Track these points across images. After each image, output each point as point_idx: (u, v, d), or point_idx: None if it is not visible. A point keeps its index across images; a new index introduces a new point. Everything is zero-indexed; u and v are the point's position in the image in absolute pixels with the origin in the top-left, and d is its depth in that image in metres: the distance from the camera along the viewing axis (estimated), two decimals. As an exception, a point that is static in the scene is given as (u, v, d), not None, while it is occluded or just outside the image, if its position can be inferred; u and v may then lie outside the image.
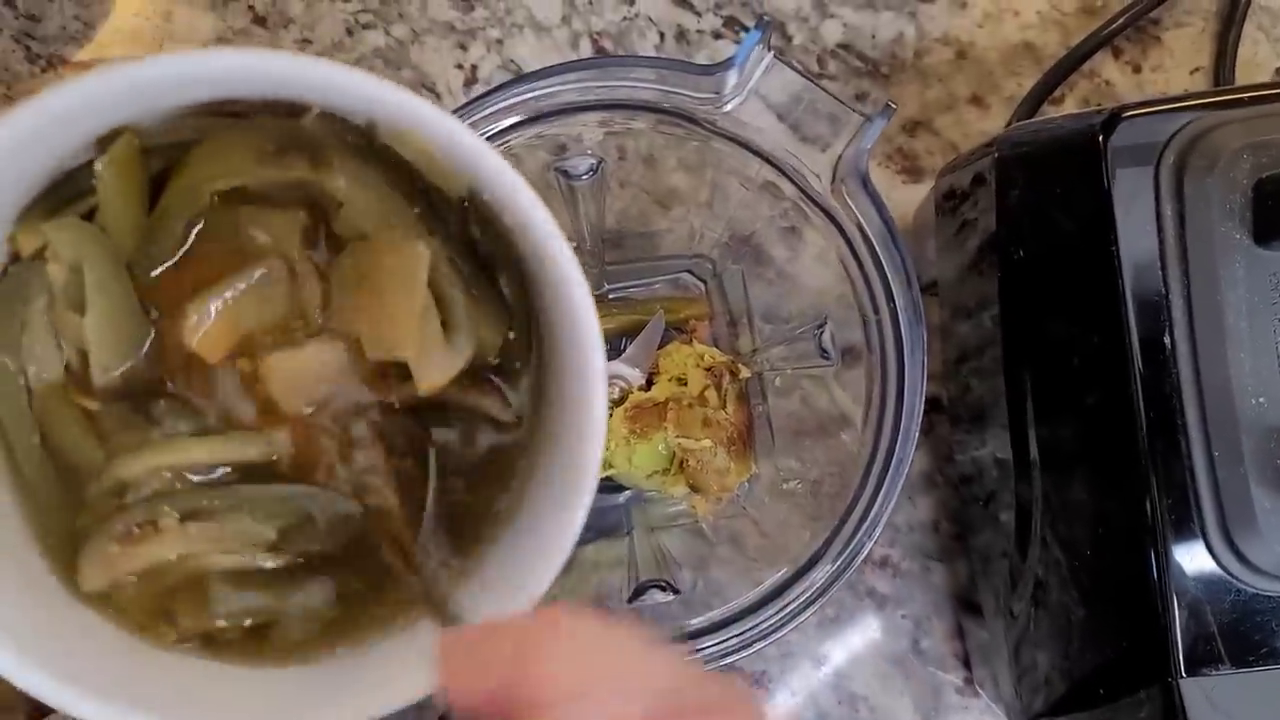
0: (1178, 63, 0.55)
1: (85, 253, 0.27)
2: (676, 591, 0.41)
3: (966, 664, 0.53)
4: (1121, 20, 0.54)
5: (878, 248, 0.37)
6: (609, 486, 0.50)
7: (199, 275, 0.28)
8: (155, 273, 0.28)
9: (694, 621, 0.38)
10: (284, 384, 0.28)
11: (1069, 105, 0.55)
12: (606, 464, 0.48)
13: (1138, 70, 0.55)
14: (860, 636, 0.53)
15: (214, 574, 0.29)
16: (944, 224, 0.51)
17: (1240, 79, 0.54)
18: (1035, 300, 0.44)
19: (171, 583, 0.28)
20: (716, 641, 0.37)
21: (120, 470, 0.28)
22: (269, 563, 0.29)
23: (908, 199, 0.55)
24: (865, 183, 0.37)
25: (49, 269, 0.27)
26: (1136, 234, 0.40)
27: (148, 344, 0.28)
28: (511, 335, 0.29)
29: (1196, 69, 0.55)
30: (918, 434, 0.37)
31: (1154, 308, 0.39)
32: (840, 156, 0.37)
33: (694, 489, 0.47)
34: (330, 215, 0.28)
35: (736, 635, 0.37)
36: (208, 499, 0.28)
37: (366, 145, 0.27)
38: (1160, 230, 0.40)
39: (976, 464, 0.51)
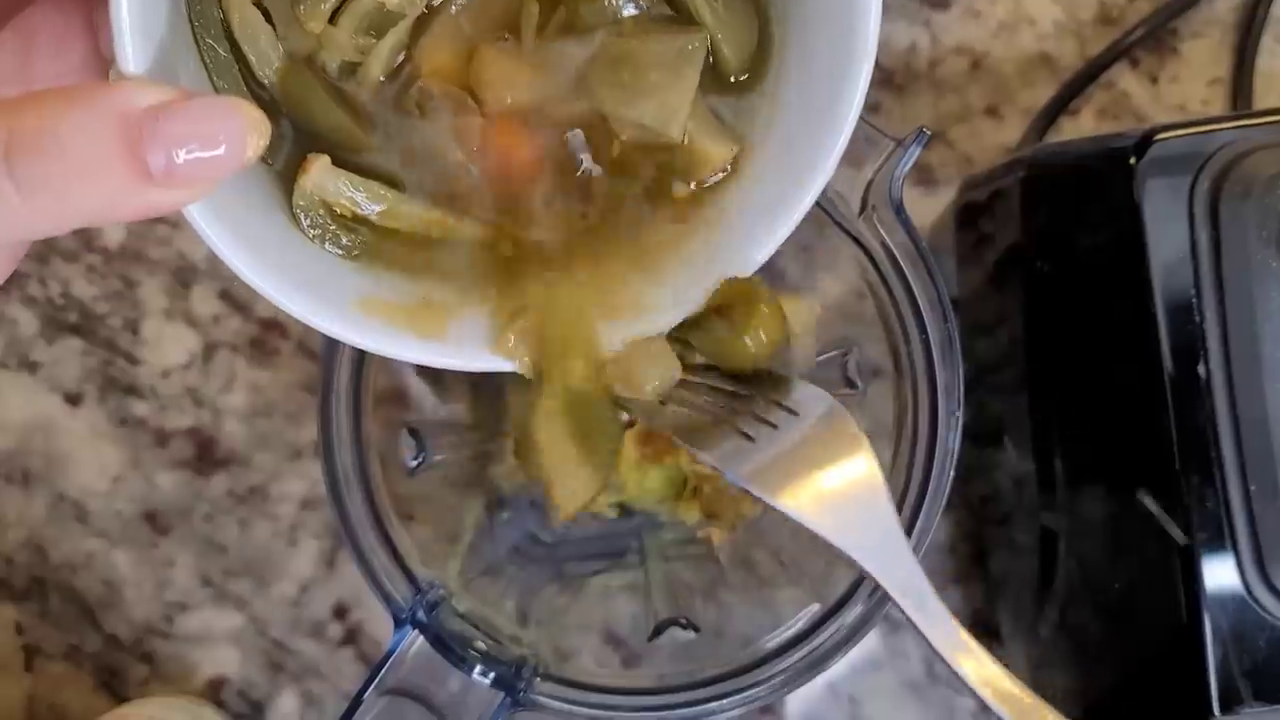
0: (1195, 74, 0.54)
1: None
2: (697, 629, 0.39)
3: (981, 687, 0.53)
4: (1140, 31, 0.53)
5: (910, 278, 0.36)
6: (620, 511, 0.48)
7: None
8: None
9: (720, 664, 0.36)
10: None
11: (1086, 116, 0.54)
12: (617, 488, 0.47)
13: (1155, 81, 0.54)
14: (874, 660, 0.52)
15: None
16: (964, 240, 0.50)
17: (1258, 90, 0.53)
18: (1063, 324, 0.43)
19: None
20: (743, 686, 0.36)
21: None
22: None
23: (922, 211, 0.54)
24: (899, 211, 0.35)
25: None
26: (1169, 260, 0.39)
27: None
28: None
29: (1215, 80, 0.54)
30: (951, 474, 0.36)
31: (1188, 336, 0.38)
32: (871, 181, 0.36)
33: (709, 515, 0.46)
34: None
35: (765, 680, 0.36)
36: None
37: None
38: (1194, 257, 0.39)
39: (993, 484, 0.50)
